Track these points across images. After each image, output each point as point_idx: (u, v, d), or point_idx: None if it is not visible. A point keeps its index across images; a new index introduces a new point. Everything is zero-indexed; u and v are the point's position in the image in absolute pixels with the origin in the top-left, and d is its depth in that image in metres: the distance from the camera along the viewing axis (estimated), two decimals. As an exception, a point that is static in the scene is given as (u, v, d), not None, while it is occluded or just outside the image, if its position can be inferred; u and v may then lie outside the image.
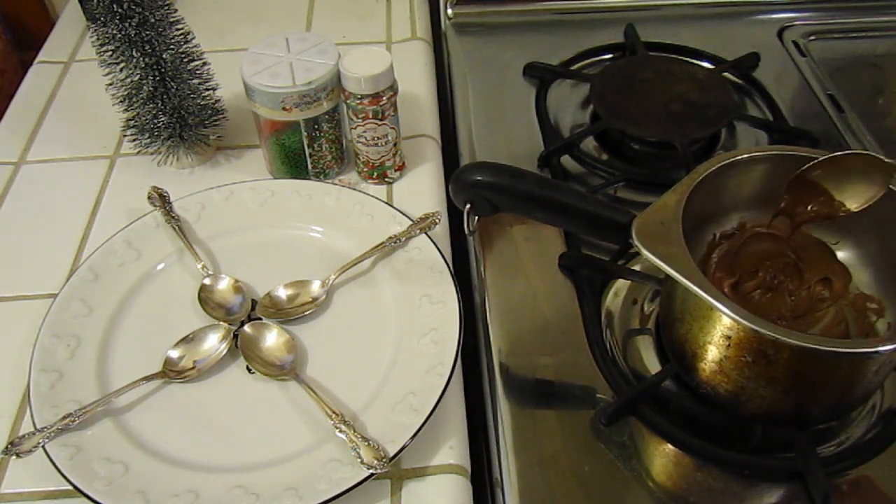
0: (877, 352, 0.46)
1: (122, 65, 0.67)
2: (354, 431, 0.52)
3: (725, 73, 0.83)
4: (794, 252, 0.57)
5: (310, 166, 0.72)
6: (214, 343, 0.59)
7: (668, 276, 0.48)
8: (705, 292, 0.46)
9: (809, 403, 0.51)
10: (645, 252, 0.49)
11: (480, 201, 0.53)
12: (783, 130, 0.77)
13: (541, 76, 0.84)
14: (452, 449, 0.54)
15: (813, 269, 0.57)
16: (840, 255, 0.57)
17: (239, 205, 0.69)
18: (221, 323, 0.60)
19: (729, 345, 0.49)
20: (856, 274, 0.56)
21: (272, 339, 0.59)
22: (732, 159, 0.55)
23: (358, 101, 0.66)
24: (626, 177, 0.72)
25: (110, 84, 0.69)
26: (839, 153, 0.52)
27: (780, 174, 0.56)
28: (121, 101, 0.70)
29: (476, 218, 0.54)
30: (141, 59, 0.66)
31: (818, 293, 0.56)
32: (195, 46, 0.70)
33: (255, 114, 0.69)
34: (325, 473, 0.51)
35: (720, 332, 0.49)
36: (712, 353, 0.51)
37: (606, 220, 0.53)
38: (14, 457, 0.52)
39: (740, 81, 0.84)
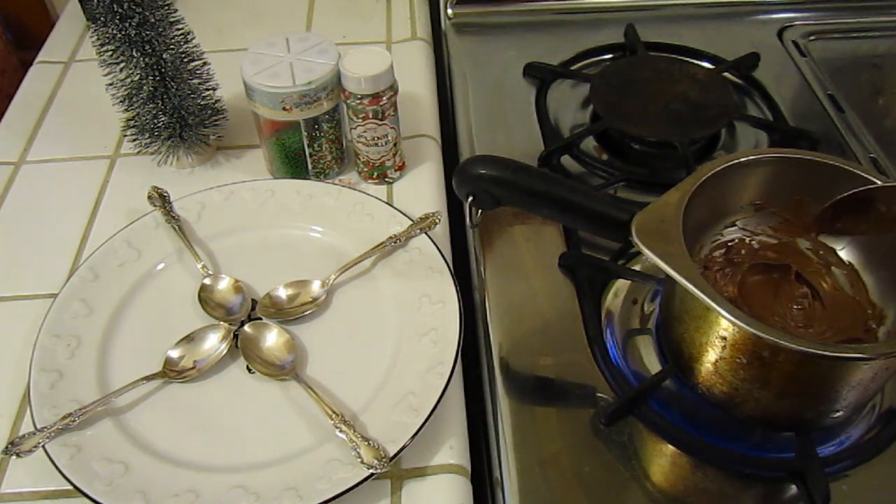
0: (873, 357, 0.46)
1: (122, 65, 0.67)
2: (354, 431, 0.52)
3: (725, 73, 0.83)
4: (795, 254, 0.57)
5: (310, 166, 0.72)
6: (214, 343, 0.59)
7: (667, 276, 0.48)
8: (701, 292, 0.46)
9: (804, 408, 0.51)
10: (643, 249, 0.49)
11: (482, 194, 0.53)
12: (783, 130, 0.77)
13: (541, 76, 0.84)
14: (452, 449, 0.54)
15: (813, 271, 0.57)
16: (844, 258, 0.57)
17: (239, 205, 0.69)
18: (221, 323, 0.60)
19: (724, 346, 0.49)
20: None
21: (272, 339, 0.59)
22: (736, 161, 0.55)
23: (358, 101, 0.66)
24: (626, 177, 0.72)
25: (110, 84, 0.69)
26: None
27: (784, 177, 0.56)
28: (121, 101, 0.70)
29: (479, 211, 0.54)
30: (141, 59, 0.66)
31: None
32: (195, 46, 0.71)
33: (255, 114, 0.69)
34: (325, 473, 0.51)
35: (716, 332, 0.49)
36: (708, 353, 0.50)
37: (608, 216, 0.53)
38: (14, 457, 0.52)
39: (740, 81, 0.84)
